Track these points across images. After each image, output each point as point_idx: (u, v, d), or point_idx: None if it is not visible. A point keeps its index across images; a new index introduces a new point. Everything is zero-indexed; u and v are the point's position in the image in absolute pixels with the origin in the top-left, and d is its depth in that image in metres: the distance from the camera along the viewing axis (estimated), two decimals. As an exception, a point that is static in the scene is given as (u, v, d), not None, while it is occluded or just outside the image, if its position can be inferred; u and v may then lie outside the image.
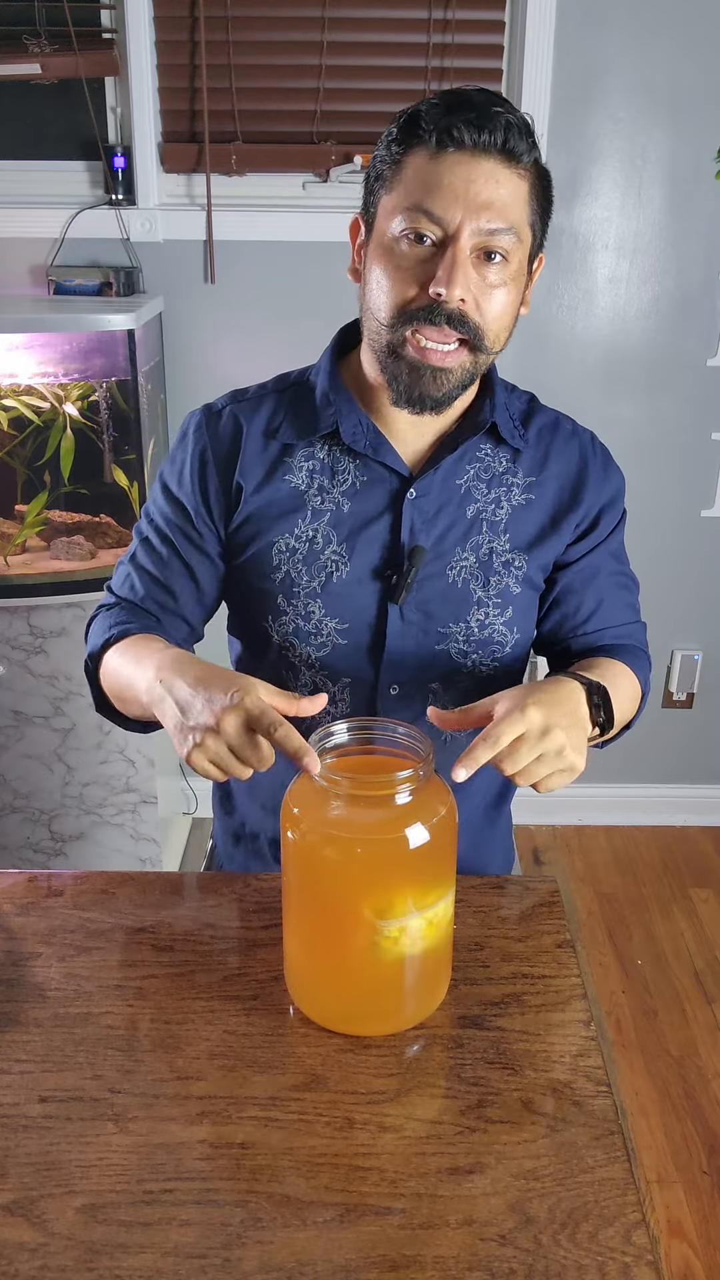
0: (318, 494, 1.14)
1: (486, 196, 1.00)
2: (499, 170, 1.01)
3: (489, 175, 1.01)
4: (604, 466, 1.21)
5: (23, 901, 1.07)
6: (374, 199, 1.07)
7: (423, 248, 1.02)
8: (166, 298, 2.26)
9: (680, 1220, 1.72)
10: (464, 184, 1.00)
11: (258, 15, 2.12)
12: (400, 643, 1.14)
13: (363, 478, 1.14)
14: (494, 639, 1.16)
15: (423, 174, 1.01)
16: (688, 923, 2.41)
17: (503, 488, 1.16)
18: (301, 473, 1.15)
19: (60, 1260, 0.73)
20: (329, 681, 1.17)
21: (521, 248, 1.05)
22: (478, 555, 1.15)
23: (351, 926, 0.86)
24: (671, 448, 2.42)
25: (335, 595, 1.14)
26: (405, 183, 1.03)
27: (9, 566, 2.12)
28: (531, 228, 1.06)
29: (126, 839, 2.32)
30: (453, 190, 1.00)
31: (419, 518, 1.13)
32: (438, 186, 1.00)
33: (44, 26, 2.07)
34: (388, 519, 1.14)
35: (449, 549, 1.14)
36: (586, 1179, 0.79)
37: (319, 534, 1.14)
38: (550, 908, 1.07)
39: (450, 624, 1.15)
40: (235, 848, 1.31)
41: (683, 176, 2.23)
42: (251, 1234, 0.74)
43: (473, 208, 1.00)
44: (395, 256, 1.04)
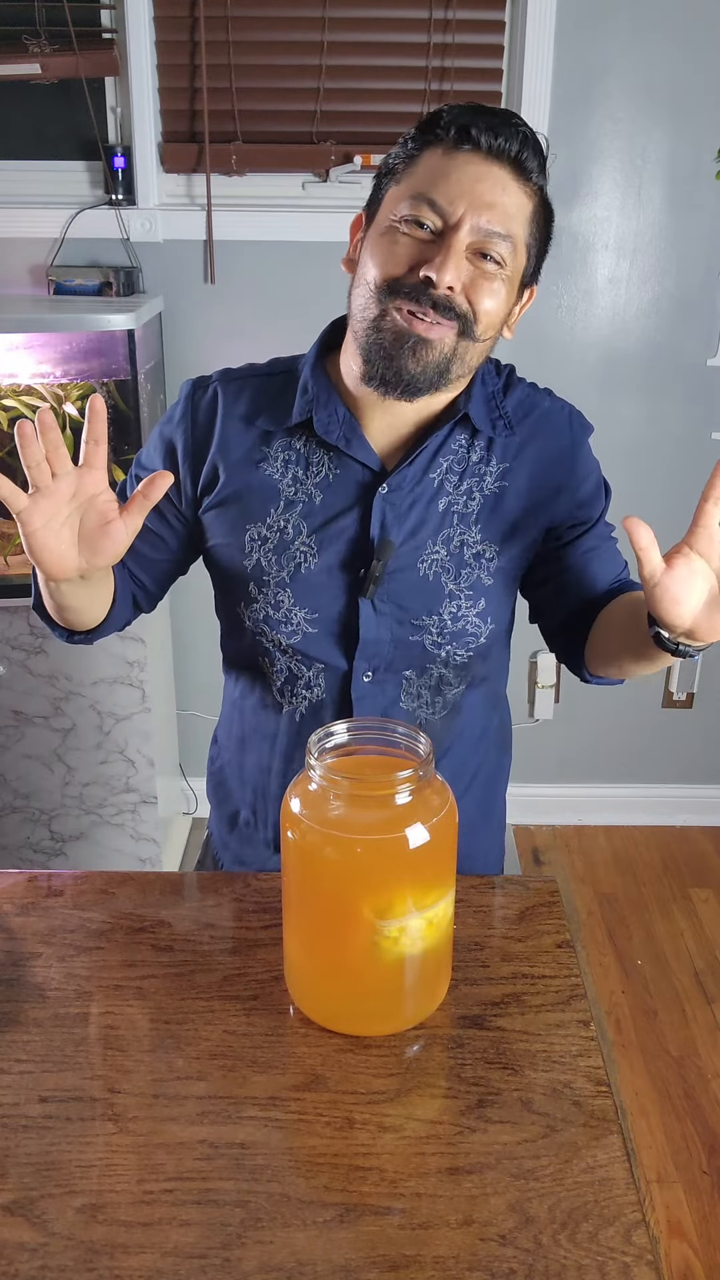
0: (292, 484, 1.15)
1: (491, 198, 1.01)
2: (507, 179, 1.02)
3: (497, 180, 1.02)
4: (580, 446, 1.18)
5: (23, 901, 1.07)
6: (380, 193, 1.08)
7: (421, 233, 1.03)
8: (166, 298, 2.26)
9: (680, 1220, 1.72)
10: (472, 181, 1.01)
11: (258, 15, 2.12)
12: (374, 633, 1.15)
13: (336, 470, 1.14)
14: (467, 630, 1.16)
15: (434, 167, 1.03)
16: (688, 923, 2.41)
17: (474, 478, 1.15)
18: (278, 462, 1.15)
19: (60, 1260, 0.73)
20: (303, 666, 1.18)
21: (516, 260, 1.05)
22: (449, 548, 1.14)
23: (351, 926, 0.86)
24: (671, 448, 2.42)
25: (304, 586, 1.15)
26: (415, 174, 1.04)
27: (9, 566, 2.12)
28: (528, 249, 1.06)
29: (126, 839, 2.32)
30: (460, 185, 1.01)
31: (390, 512, 1.13)
32: (446, 179, 1.02)
33: (44, 26, 2.07)
34: (357, 512, 1.14)
35: (420, 543, 1.14)
36: (586, 1179, 0.79)
37: (290, 525, 1.14)
38: (550, 908, 1.07)
39: (423, 616, 1.15)
40: (230, 835, 1.32)
41: (683, 176, 2.23)
42: (251, 1234, 0.74)
43: (476, 205, 1.01)
44: (392, 237, 1.04)
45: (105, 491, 1.00)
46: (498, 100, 2.22)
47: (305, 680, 1.18)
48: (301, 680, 1.19)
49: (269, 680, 1.21)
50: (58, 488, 0.97)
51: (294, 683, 1.19)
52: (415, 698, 1.19)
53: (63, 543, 1.00)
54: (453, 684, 1.20)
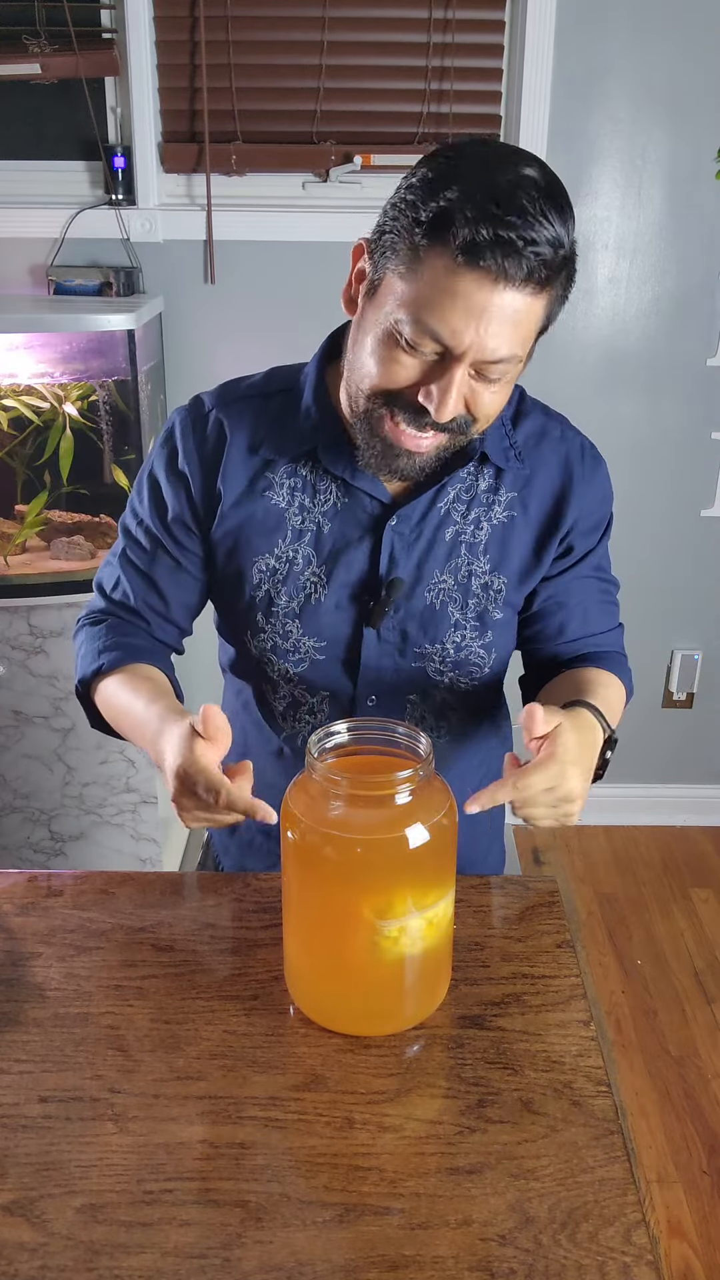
0: (299, 513, 1.12)
1: (498, 328, 0.94)
2: (520, 299, 0.93)
3: (507, 306, 0.93)
4: (589, 481, 1.15)
5: (23, 901, 1.07)
6: (384, 261, 0.97)
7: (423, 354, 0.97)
8: (166, 298, 2.26)
9: (680, 1220, 1.72)
10: (480, 309, 0.92)
11: (258, 15, 2.12)
12: (376, 661, 1.14)
13: (344, 499, 1.11)
14: (471, 660, 1.15)
15: (440, 285, 0.92)
16: (688, 923, 2.41)
17: (483, 507, 1.12)
18: (283, 489, 1.12)
19: (60, 1260, 0.73)
20: (307, 694, 1.17)
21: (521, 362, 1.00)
22: (456, 578, 1.13)
23: (351, 926, 0.86)
24: (671, 448, 2.42)
25: (313, 616, 1.13)
26: (420, 282, 0.94)
27: (9, 566, 2.12)
28: (540, 333, 1.00)
29: (126, 839, 2.31)
30: (467, 314, 0.92)
31: (399, 543, 1.11)
32: (451, 306, 0.92)
33: (44, 26, 2.07)
34: (368, 544, 1.11)
35: (427, 573, 1.12)
36: (586, 1179, 0.79)
37: (299, 554, 1.12)
38: (550, 908, 1.07)
39: (427, 645, 1.13)
40: (230, 840, 1.32)
41: (683, 176, 2.23)
42: (251, 1234, 0.74)
43: (482, 337, 0.94)
44: (391, 351, 0.98)
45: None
46: (498, 101, 2.22)
47: (309, 706, 1.18)
48: (305, 707, 1.18)
49: (271, 708, 1.20)
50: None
51: (296, 709, 1.18)
52: (419, 721, 1.18)
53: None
54: (457, 709, 1.19)
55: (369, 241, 1.01)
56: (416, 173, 0.95)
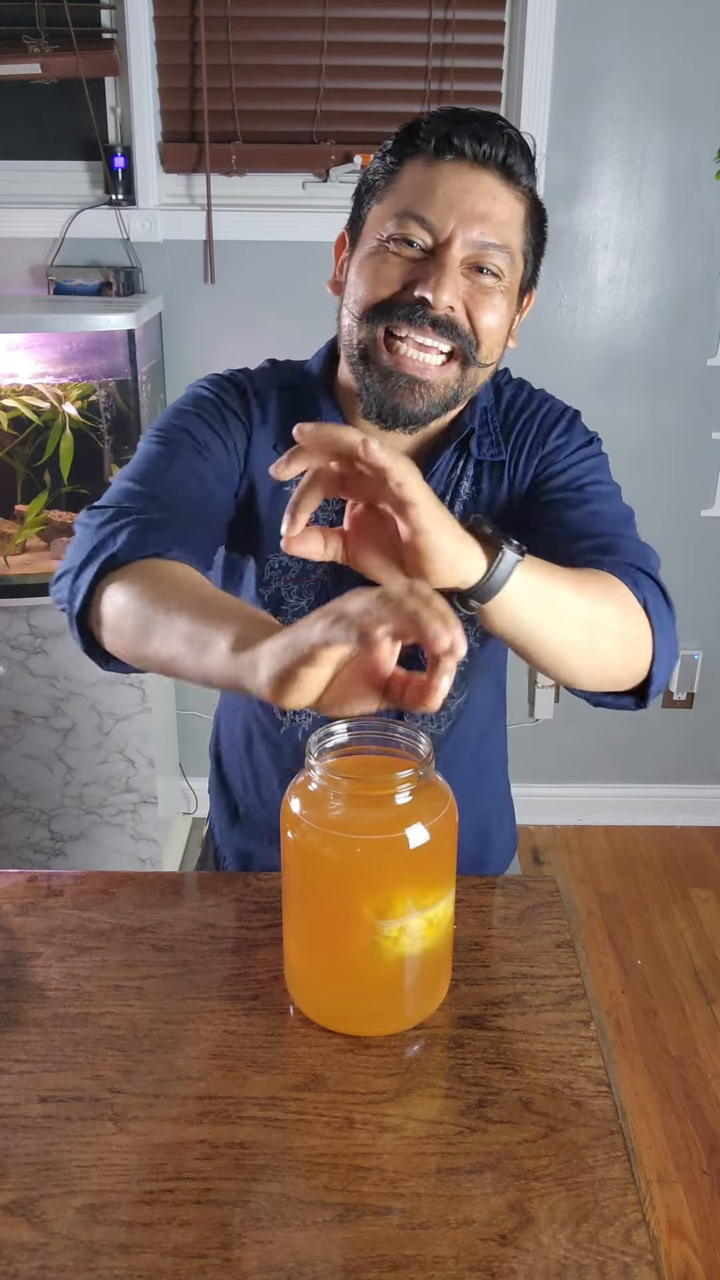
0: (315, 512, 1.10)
1: (483, 209, 0.96)
2: (497, 186, 0.97)
3: (486, 189, 0.97)
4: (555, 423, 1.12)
5: (23, 901, 1.07)
6: (363, 211, 1.03)
7: (411, 250, 0.98)
8: (166, 298, 2.26)
9: (680, 1220, 1.72)
10: (460, 193, 0.96)
11: (258, 15, 2.12)
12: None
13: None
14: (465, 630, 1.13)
15: (418, 181, 0.97)
16: (688, 923, 2.41)
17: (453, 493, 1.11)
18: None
19: (60, 1260, 0.73)
20: None
21: (514, 271, 1.01)
22: None
23: (351, 926, 0.86)
24: (671, 448, 2.42)
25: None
26: (398, 190, 0.99)
27: (9, 566, 2.12)
28: (524, 255, 1.02)
29: (126, 839, 2.32)
30: (448, 199, 0.96)
31: None
32: (432, 193, 0.96)
33: (44, 26, 2.07)
34: None
35: None
36: (586, 1179, 0.79)
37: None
38: (550, 908, 1.07)
39: None
40: (231, 829, 1.32)
41: (683, 176, 2.23)
42: (251, 1234, 0.74)
43: (467, 218, 0.96)
44: (381, 257, 0.99)
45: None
46: (497, 101, 2.22)
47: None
48: None
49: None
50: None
51: None
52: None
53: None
54: (454, 695, 1.19)
55: (347, 223, 1.06)
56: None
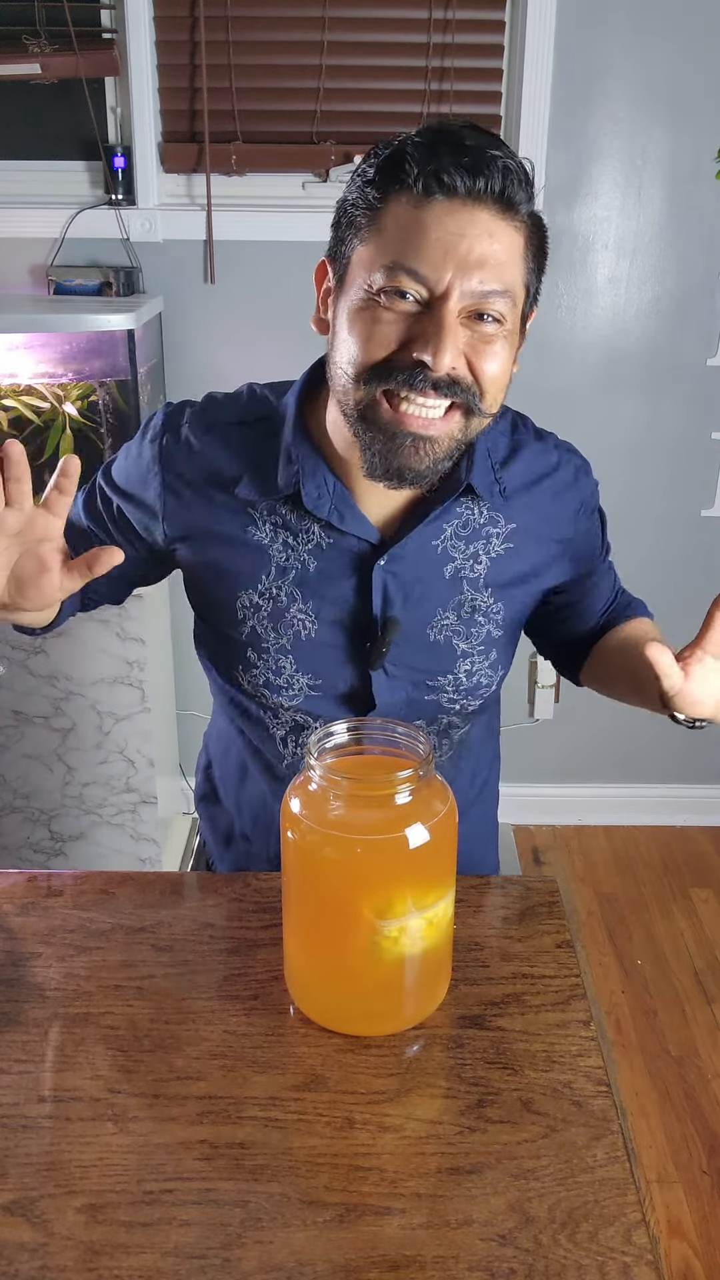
0: (282, 549, 1.07)
1: (480, 253, 0.88)
2: (494, 222, 0.89)
3: (482, 228, 0.88)
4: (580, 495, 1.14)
5: (23, 901, 1.07)
6: (345, 247, 0.96)
7: (405, 304, 0.91)
8: (166, 298, 2.26)
9: (680, 1220, 1.72)
10: (454, 238, 0.88)
11: (258, 15, 2.12)
12: (389, 698, 1.11)
13: (328, 539, 1.06)
14: (481, 683, 1.14)
15: (406, 225, 0.89)
16: (688, 923, 2.41)
17: (480, 540, 1.09)
18: (265, 527, 1.07)
19: (60, 1260, 0.73)
20: (310, 718, 1.13)
21: (516, 310, 0.94)
22: (459, 614, 1.10)
23: (351, 926, 0.86)
24: (671, 448, 2.42)
25: (306, 652, 1.09)
26: (385, 233, 0.90)
27: (9, 566, 2.12)
28: (526, 287, 0.95)
29: (126, 839, 2.32)
30: (441, 245, 0.88)
31: (393, 584, 1.07)
32: (424, 239, 0.88)
33: (44, 26, 2.07)
34: (353, 581, 1.07)
35: (429, 612, 1.09)
36: (586, 1179, 0.79)
37: (283, 592, 1.07)
38: (550, 908, 1.07)
39: (438, 677, 1.11)
40: (225, 851, 1.30)
41: (683, 176, 2.23)
42: (251, 1234, 0.74)
43: (464, 266, 0.88)
44: (372, 314, 0.92)
45: (55, 540, 0.94)
46: (497, 101, 2.22)
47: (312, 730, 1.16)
48: (308, 730, 1.13)
49: (270, 732, 1.17)
50: (4, 518, 0.91)
51: (299, 733, 1.15)
52: None
53: None
54: (460, 726, 1.18)
55: (328, 252, 0.99)
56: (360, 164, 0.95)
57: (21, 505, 0.92)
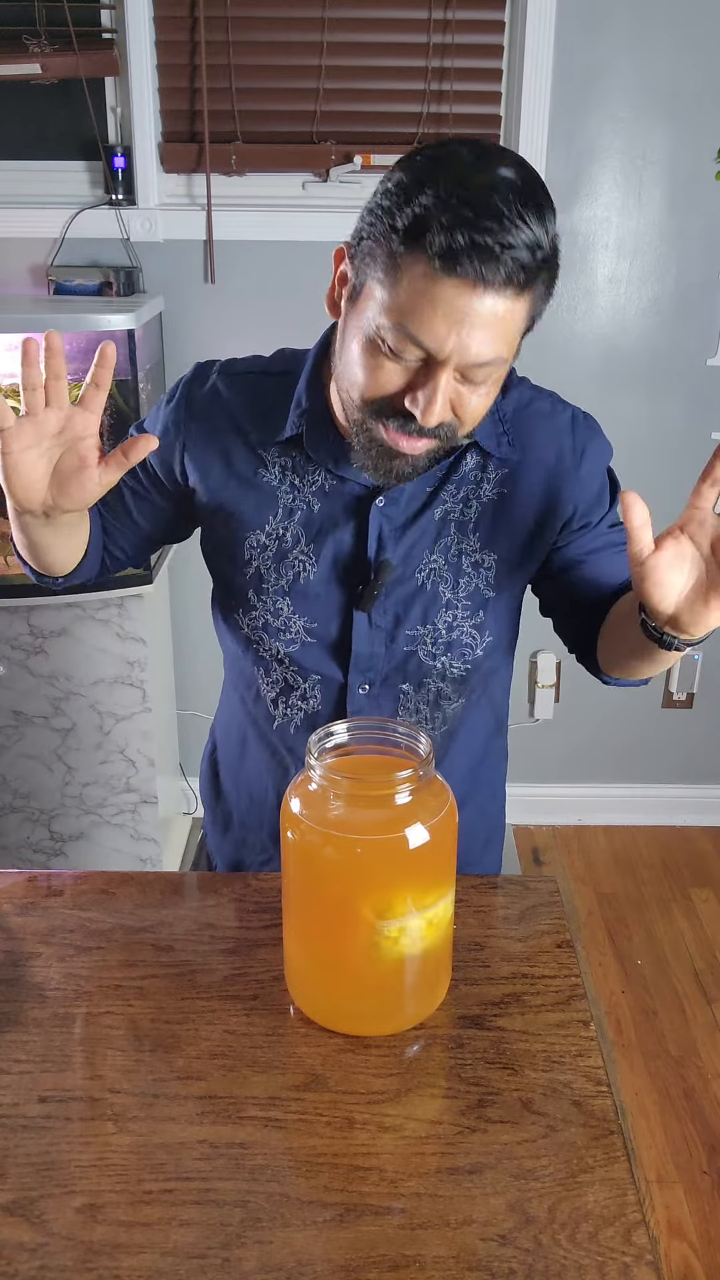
0: (290, 491, 1.13)
1: (481, 333, 0.93)
2: (501, 303, 0.92)
3: (488, 310, 0.92)
4: (585, 448, 1.14)
5: (23, 901, 1.07)
6: (364, 265, 0.97)
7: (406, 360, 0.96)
8: (166, 298, 2.26)
9: (680, 1220, 1.72)
10: (460, 316, 0.91)
11: (258, 15, 2.12)
12: (368, 647, 1.14)
13: (332, 480, 1.12)
14: (462, 640, 1.14)
15: (419, 290, 0.91)
16: (688, 923, 2.41)
17: (471, 485, 1.12)
18: (274, 469, 1.14)
19: (60, 1260, 0.73)
20: (300, 678, 1.17)
21: (507, 363, 0.98)
22: (446, 558, 1.13)
23: (351, 926, 0.86)
24: (671, 447, 2.42)
25: (303, 594, 1.14)
26: (399, 288, 0.93)
27: (9, 566, 2.12)
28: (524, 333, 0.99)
29: (126, 839, 2.32)
30: (447, 322, 0.92)
31: (387, 525, 1.12)
32: (432, 315, 0.92)
33: (44, 26, 2.07)
34: (353, 525, 1.12)
35: (417, 554, 1.12)
36: (586, 1179, 0.79)
37: (289, 532, 1.13)
38: (550, 908, 1.07)
39: (418, 626, 1.13)
40: (224, 839, 1.32)
41: (683, 176, 2.23)
42: (251, 1234, 0.74)
43: (464, 342, 0.93)
44: (374, 358, 0.98)
45: (92, 436, 0.99)
46: (497, 101, 2.22)
47: (301, 691, 1.18)
48: (297, 691, 1.18)
49: (264, 691, 1.21)
50: (47, 417, 0.96)
51: (289, 694, 1.18)
52: (414, 713, 1.18)
53: (35, 473, 0.99)
54: (451, 698, 1.18)
55: (349, 245, 1.01)
56: (392, 176, 0.94)
57: (61, 403, 0.97)
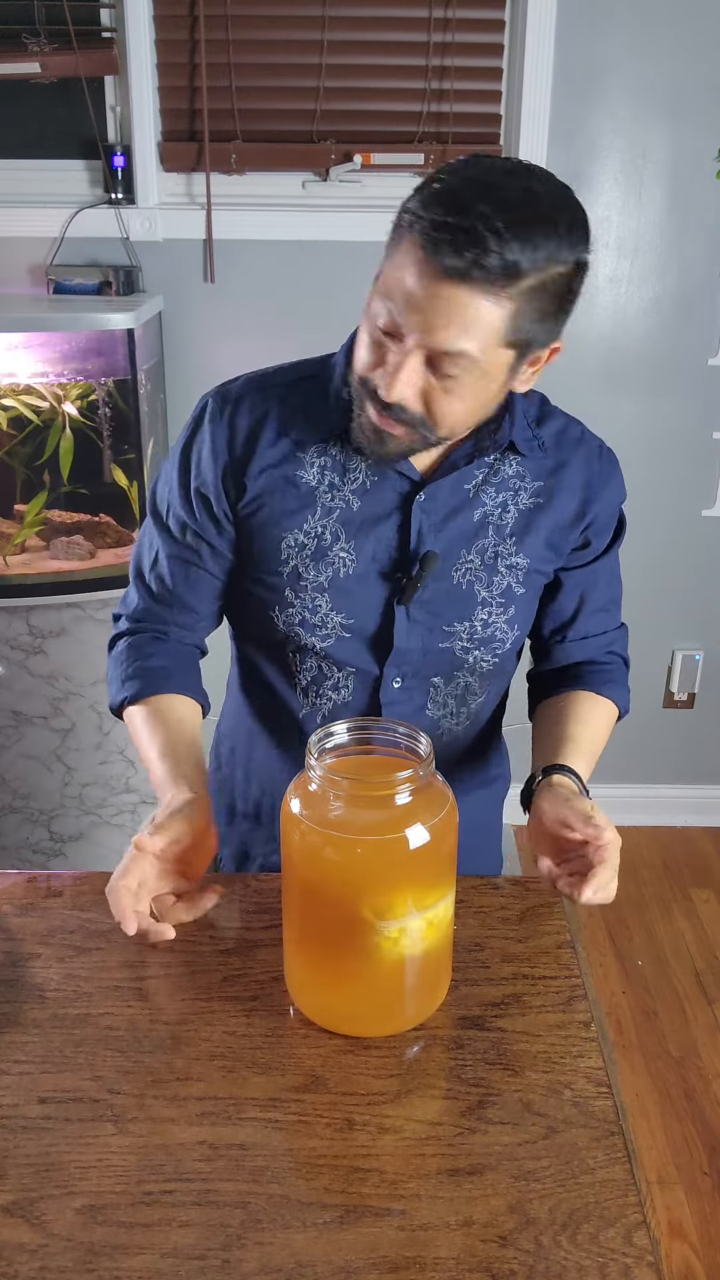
0: (328, 490, 1.14)
1: (444, 320, 0.94)
2: (466, 298, 0.93)
3: (452, 301, 0.93)
4: (609, 478, 1.21)
5: (22, 902, 1.06)
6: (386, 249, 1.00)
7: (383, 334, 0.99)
8: (166, 297, 2.26)
9: (681, 1221, 1.71)
10: (427, 299, 0.94)
11: (258, 15, 2.12)
12: (407, 641, 1.15)
13: (374, 477, 1.13)
14: (495, 636, 1.17)
15: (402, 265, 0.95)
16: (688, 923, 2.41)
17: (510, 491, 1.15)
18: (313, 469, 1.14)
19: (60, 1261, 0.73)
20: (334, 668, 1.18)
21: (484, 363, 0.98)
22: (483, 558, 1.15)
23: (351, 927, 0.86)
24: (672, 447, 2.42)
25: (342, 590, 1.14)
26: (392, 261, 0.97)
27: (9, 566, 2.12)
28: (515, 344, 0.99)
29: (126, 839, 2.31)
30: (414, 301, 0.94)
31: (427, 521, 1.13)
32: (403, 289, 0.95)
33: (44, 25, 2.07)
34: (396, 519, 1.13)
35: (455, 551, 1.14)
36: (587, 1180, 0.79)
37: (328, 530, 1.14)
38: (550, 908, 1.07)
39: (455, 623, 1.15)
40: (229, 827, 1.33)
41: (683, 176, 2.23)
42: (251, 1235, 0.74)
43: (424, 327, 0.95)
44: (371, 332, 1.01)
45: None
46: (497, 101, 2.21)
47: (334, 681, 1.18)
48: (330, 681, 1.19)
49: (294, 679, 1.21)
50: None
51: (321, 683, 1.19)
52: (441, 706, 1.20)
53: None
54: (477, 693, 1.22)
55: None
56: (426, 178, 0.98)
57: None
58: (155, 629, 1.22)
